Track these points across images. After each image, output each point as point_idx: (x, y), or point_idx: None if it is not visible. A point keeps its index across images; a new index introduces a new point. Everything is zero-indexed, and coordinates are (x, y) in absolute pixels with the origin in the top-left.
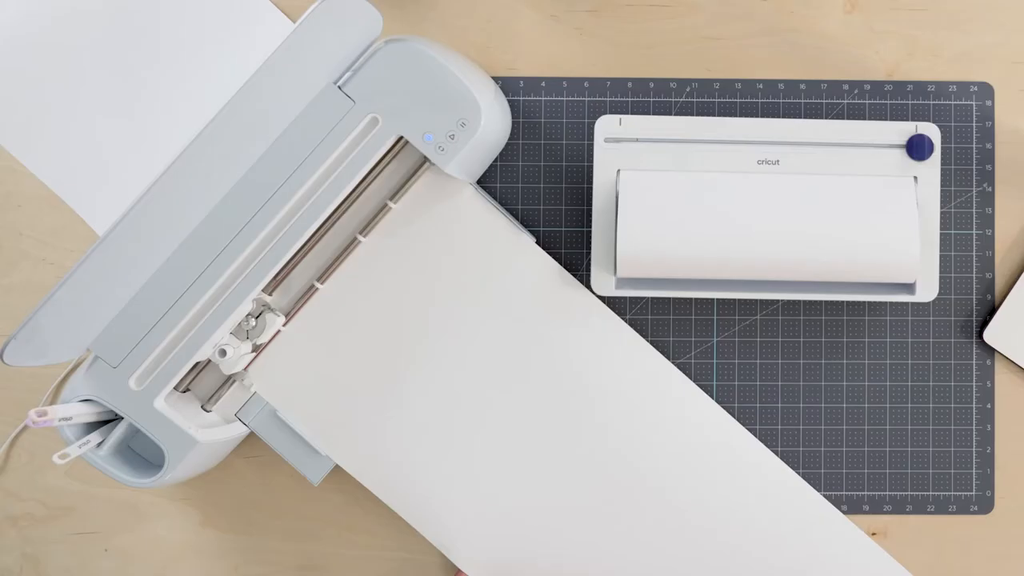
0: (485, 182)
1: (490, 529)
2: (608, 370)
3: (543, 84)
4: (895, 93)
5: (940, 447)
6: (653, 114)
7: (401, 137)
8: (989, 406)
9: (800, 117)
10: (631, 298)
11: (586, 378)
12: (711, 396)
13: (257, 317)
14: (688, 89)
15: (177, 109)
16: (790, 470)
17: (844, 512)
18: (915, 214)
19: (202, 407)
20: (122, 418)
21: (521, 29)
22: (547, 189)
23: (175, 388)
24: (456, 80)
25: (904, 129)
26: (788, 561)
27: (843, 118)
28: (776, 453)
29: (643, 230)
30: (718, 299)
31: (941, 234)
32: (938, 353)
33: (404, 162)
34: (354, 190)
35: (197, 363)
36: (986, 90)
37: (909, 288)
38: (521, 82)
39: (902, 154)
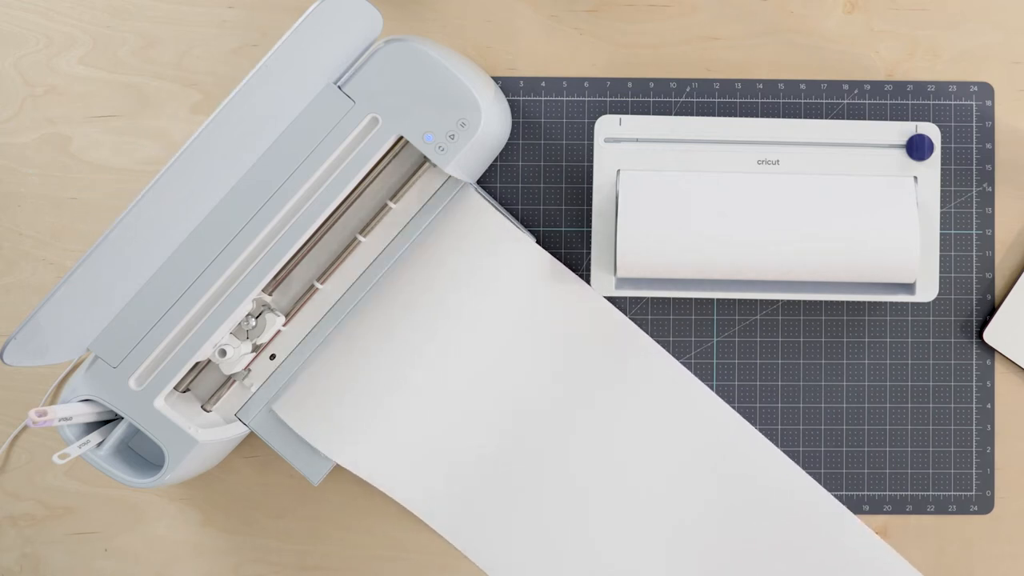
0: (485, 182)
1: (500, 520)
2: (610, 365)
3: (543, 84)
4: (895, 93)
5: (940, 447)
6: (653, 114)
7: (401, 137)
8: (989, 406)
9: (800, 117)
10: (631, 298)
11: (588, 373)
12: None
13: (257, 317)
14: (688, 89)
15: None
16: (793, 463)
17: None
18: (915, 214)
19: (202, 407)
20: (122, 418)
21: (521, 29)
22: (547, 189)
23: (175, 388)
24: (456, 80)
25: (904, 129)
26: (796, 558)
27: (843, 118)
28: (757, 430)
29: (643, 230)
30: (718, 299)
31: (941, 234)
32: (938, 353)
33: (404, 162)
34: (354, 190)
35: (197, 363)
36: (986, 90)
37: (909, 288)
38: (521, 82)
39: (902, 154)
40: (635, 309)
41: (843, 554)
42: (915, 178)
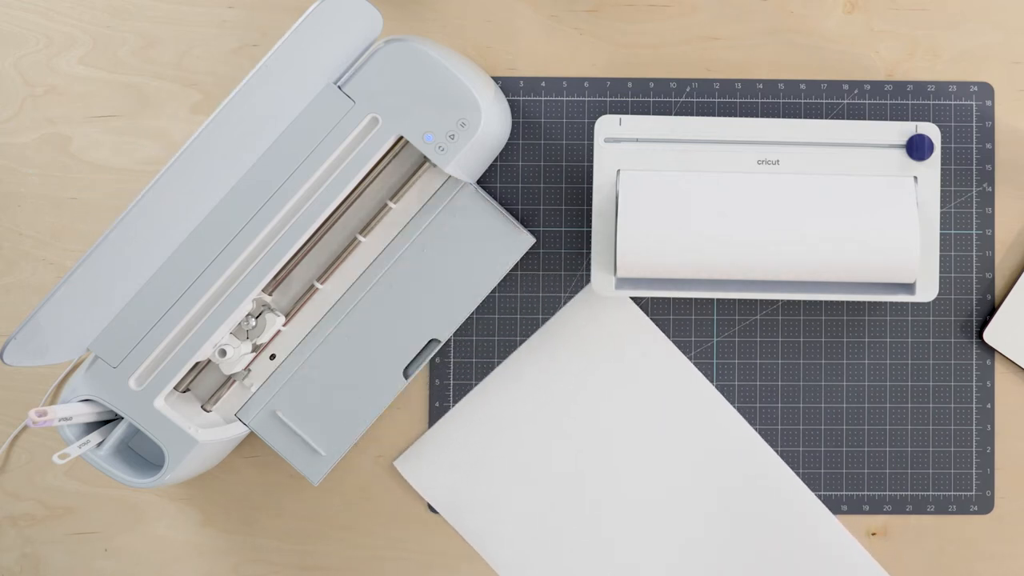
0: (485, 182)
1: (514, 519)
2: (620, 355)
3: (543, 84)
4: (895, 93)
5: (940, 447)
6: (653, 114)
7: (401, 137)
8: (989, 406)
9: (800, 117)
10: (631, 298)
11: (596, 364)
12: None
13: (257, 317)
14: (688, 89)
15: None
16: (789, 469)
17: (844, 512)
18: (915, 214)
19: (202, 407)
20: (122, 418)
21: (521, 29)
22: (547, 189)
23: (175, 388)
24: (456, 80)
25: (904, 129)
26: (781, 562)
27: (843, 118)
28: (776, 453)
29: (643, 230)
30: (718, 299)
31: (941, 234)
32: (938, 353)
33: (404, 162)
34: (354, 190)
35: (197, 363)
36: (986, 90)
37: (909, 288)
38: (521, 82)
39: (902, 154)
40: None
41: (827, 561)
42: (915, 178)
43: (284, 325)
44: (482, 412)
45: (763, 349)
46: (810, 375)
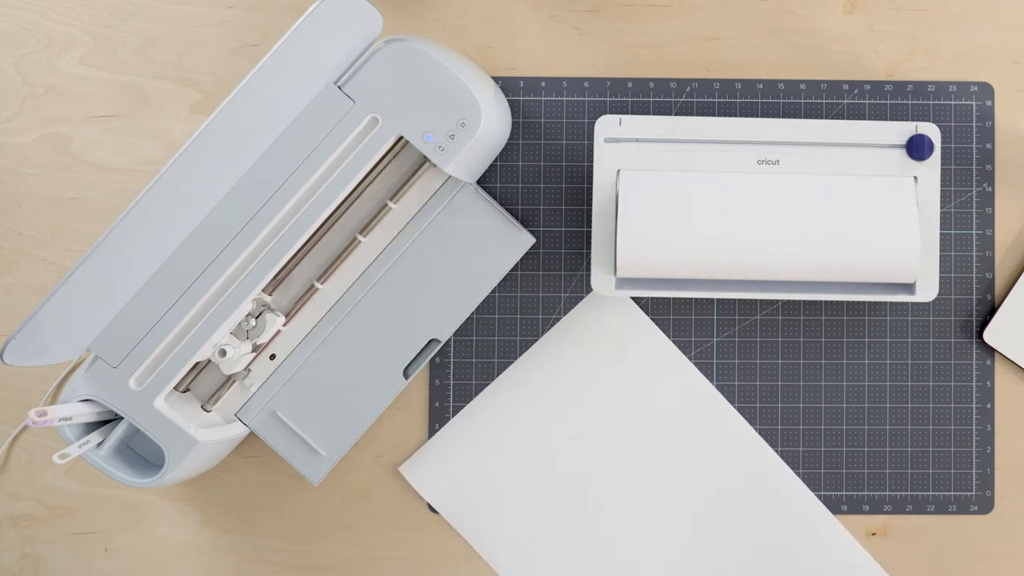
0: (485, 182)
1: (513, 519)
2: (620, 356)
3: (543, 84)
4: (895, 93)
5: (940, 447)
6: (653, 114)
7: (401, 137)
8: (989, 406)
9: (800, 117)
10: (631, 298)
11: (597, 365)
12: None
13: (257, 317)
14: (688, 89)
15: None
16: (790, 469)
17: (844, 512)
18: (915, 214)
19: (202, 407)
20: (122, 418)
21: (521, 29)
22: (547, 189)
23: (175, 388)
24: (456, 80)
25: (904, 129)
26: (781, 562)
27: (843, 118)
28: (776, 453)
29: (643, 230)
30: (718, 299)
31: (941, 234)
32: (938, 353)
33: (404, 162)
34: (354, 190)
35: (197, 363)
36: (986, 90)
37: (909, 288)
38: (521, 82)
39: (902, 154)
40: None
41: (827, 561)
42: (915, 178)
43: (284, 325)
44: (484, 415)
45: (763, 349)
46: (810, 375)
